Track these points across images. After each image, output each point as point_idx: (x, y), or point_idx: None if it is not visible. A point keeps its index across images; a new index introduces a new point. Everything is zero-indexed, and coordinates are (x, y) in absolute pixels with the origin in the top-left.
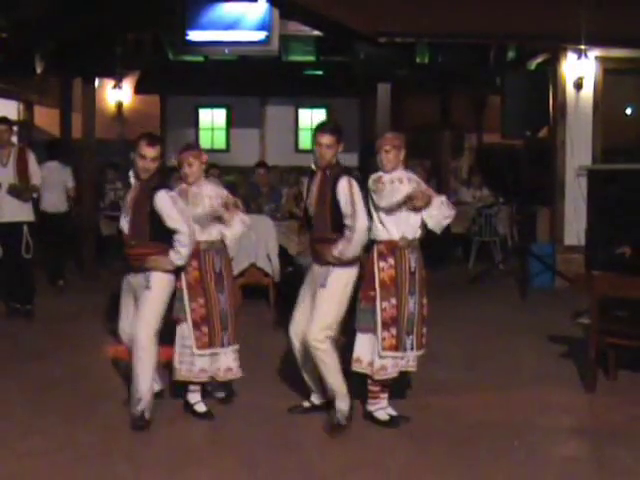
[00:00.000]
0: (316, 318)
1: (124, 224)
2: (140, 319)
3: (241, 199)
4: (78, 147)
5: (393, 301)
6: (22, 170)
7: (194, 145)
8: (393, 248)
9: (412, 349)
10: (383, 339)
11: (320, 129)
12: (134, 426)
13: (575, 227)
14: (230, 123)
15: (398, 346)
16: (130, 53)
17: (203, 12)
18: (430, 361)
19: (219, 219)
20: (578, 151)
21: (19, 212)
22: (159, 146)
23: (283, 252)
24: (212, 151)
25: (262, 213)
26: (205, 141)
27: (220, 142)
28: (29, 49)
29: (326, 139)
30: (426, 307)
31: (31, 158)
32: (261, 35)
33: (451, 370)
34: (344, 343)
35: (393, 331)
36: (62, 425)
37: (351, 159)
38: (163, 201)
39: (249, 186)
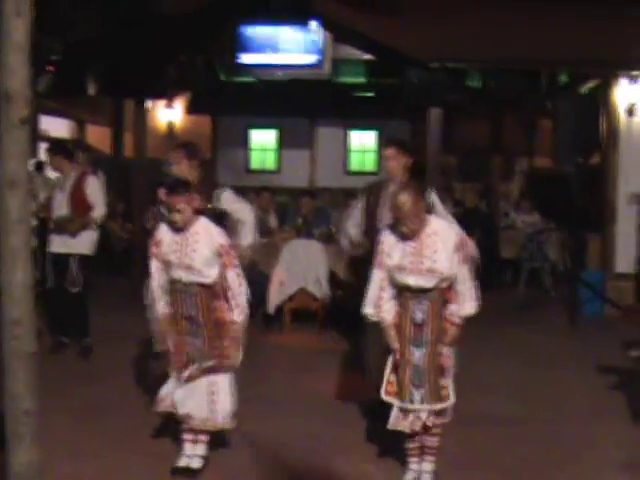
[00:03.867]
0: None
1: None
2: None
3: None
4: (130, 166)
5: (396, 345)
6: (78, 198)
7: (183, 184)
8: (399, 295)
9: (423, 402)
10: (388, 382)
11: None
12: None
13: (626, 255)
14: (281, 144)
15: (400, 393)
16: (182, 74)
17: (254, 35)
18: (476, 391)
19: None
20: (631, 178)
21: (68, 243)
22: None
23: (331, 275)
24: (263, 172)
25: (311, 237)
26: (255, 162)
27: (271, 163)
28: (81, 71)
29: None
30: (447, 357)
31: (90, 185)
32: (313, 58)
33: (497, 401)
34: None
35: (395, 377)
36: (110, 449)
37: None
38: None
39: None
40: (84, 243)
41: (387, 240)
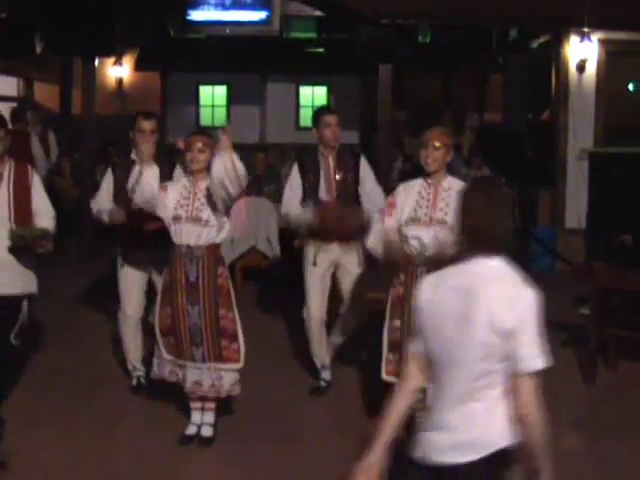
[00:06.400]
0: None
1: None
2: None
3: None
4: (78, 123)
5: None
6: (21, 201)
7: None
8: (404, 268)
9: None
10: (387, 361)
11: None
12: None
13: (576, 210)
14: (230, 100)
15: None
16: (131, 30)
17: None
18: None
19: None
20: (580, 134)
21: (17, 279)
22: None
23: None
24: (213, 128)
25: (261, 195)
26: (206, 118)
27: (221, 119)
28: (28, 29)
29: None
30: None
31: (35, 180)
32: (262, 15)
33: None
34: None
35: (395, 356)
36: (64, 418)
37: (351, 137)
38: None
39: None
40: (32, 276)
41: (401, 192)
